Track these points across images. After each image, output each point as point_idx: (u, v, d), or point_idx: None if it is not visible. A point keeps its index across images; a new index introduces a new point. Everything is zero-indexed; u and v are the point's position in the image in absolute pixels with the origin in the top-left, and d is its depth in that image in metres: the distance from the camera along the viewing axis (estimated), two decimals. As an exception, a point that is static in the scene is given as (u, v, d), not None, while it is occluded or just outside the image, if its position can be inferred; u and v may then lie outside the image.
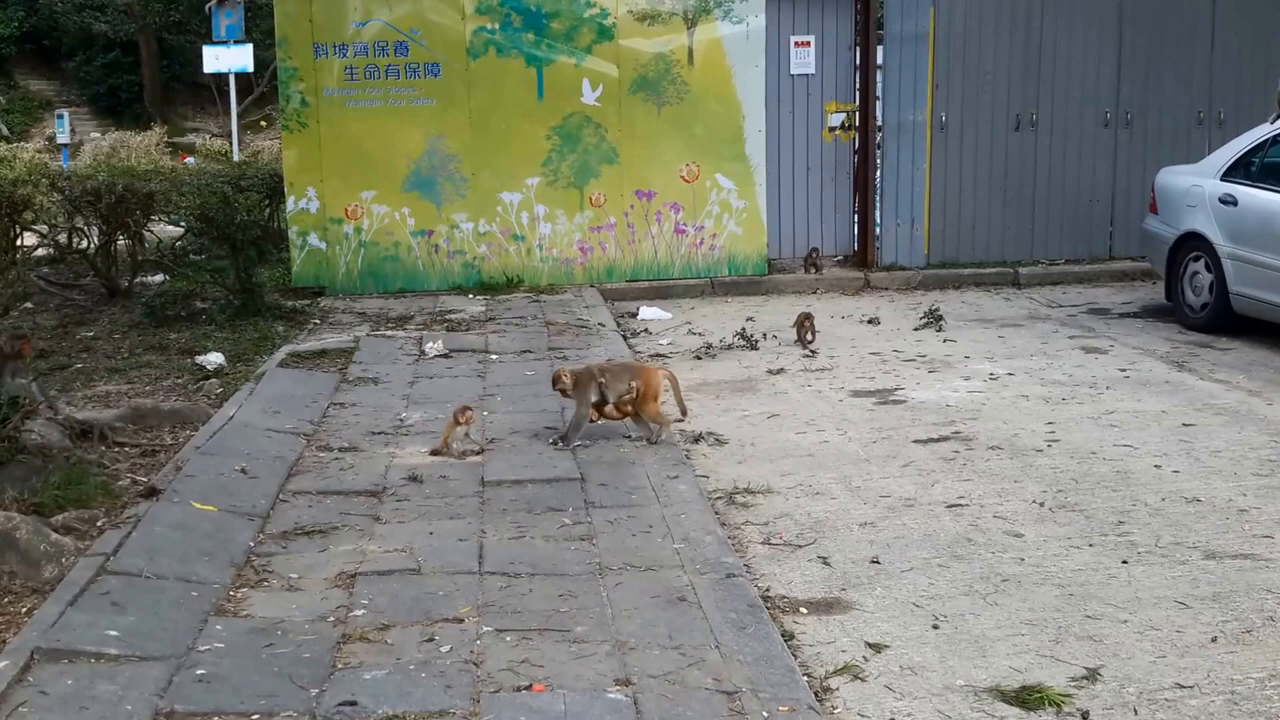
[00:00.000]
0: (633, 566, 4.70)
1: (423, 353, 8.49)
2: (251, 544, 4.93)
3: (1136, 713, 3.76)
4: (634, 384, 6.30)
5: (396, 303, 10.61)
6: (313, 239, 11.10)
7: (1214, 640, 4.22)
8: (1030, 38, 11.85)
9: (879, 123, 11.80)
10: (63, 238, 11.08)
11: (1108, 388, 7.75)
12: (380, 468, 5.96)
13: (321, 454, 6.18)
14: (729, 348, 9.01)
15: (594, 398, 6.31)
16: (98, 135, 27.13)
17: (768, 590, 4.70)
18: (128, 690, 3.63)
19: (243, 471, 5.69)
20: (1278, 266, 8.57)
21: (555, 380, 6.48)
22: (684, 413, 6.87)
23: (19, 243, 10.07)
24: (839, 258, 12.16)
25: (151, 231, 11.50)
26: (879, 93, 11.74)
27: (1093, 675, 3.99)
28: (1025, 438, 6.65)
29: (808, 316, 9.12)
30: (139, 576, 4.42)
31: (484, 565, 4.70)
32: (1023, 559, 4.97)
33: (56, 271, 11.55)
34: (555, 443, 6.29)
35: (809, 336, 9.01)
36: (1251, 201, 9.03)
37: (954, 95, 11.82)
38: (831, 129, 11.96)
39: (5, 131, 27.86)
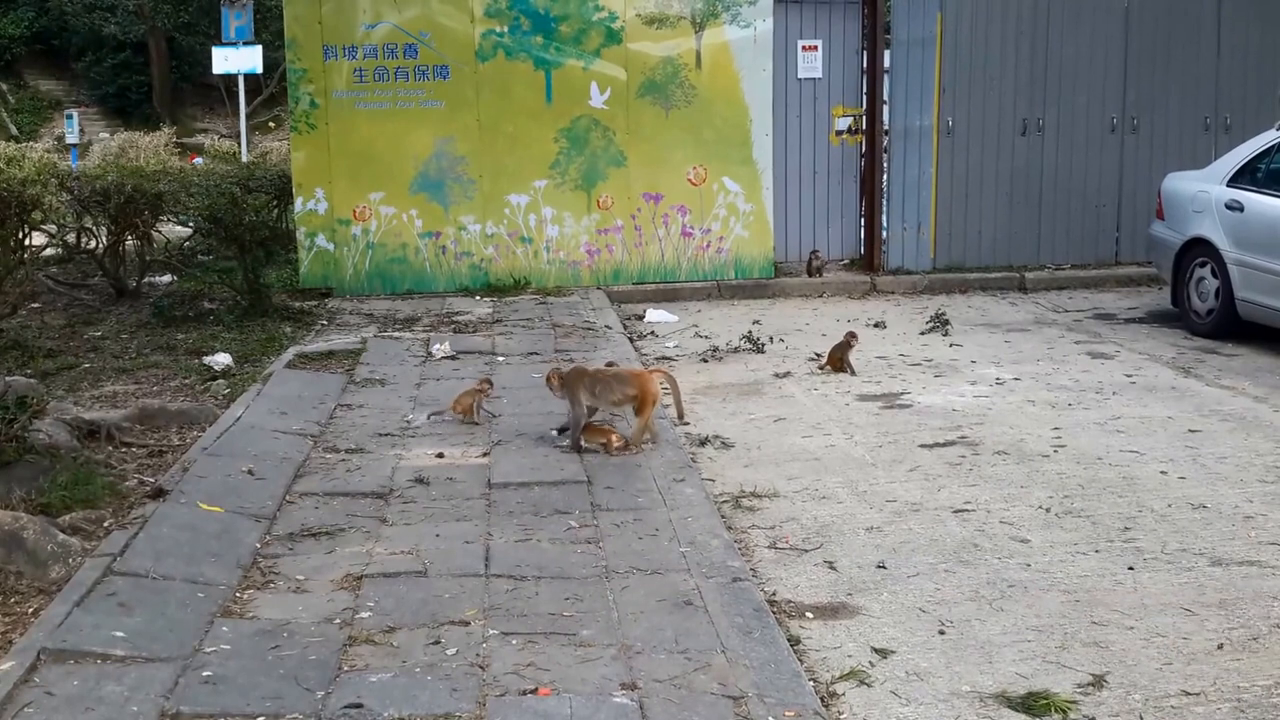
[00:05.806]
0: (639, 570, 4.70)
1: (430, 354, 8.50)
2: (258, 545, 4.94)
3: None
4: (629, 392, 6.28)
5: (404, 304, 10.63)
6: (321, 240, 11.13)
7: (1220, 647, 4.22)
8: (1037, 43, 11.85)
9: (886, 127, 11.81)
10: (71, 238, 11.10)
11: (1114, 393, 7.74)
12: (387, 469, 5.96)
13: (328, 455, 6.18)
14: (735, 351, 9.01)
15: (585, 399, 6.27)
16: (106, 135, 27.20)
17: (774, 594, 4.70)
18: (134, 691, 3.64)
19: (250, 473, 5.70)
20: (1285, 272, 8.57)
21: (547, 382, 6.49)
22: (681, 416, 6.84)
23: (27, 242, 10.08)
24: (845, 261, 12.18)
25: (160, 232, 11.52)
26: (886, 97, 11.75)
27: (1099, 682, 3.98)
28: (1031, 443, 6.64)
29: (845, 346, 8.39)
30: (146, 577, 4.43)
31: (490, 568, 4.70)
32: (1029, 565, 4.97)
33: (65, 271, 11.59)
34: (562, 444, 6.29)
35: (846, 365, 8.34)
36: (1257, 207, 9.01)
37: (961, 100, 11.82)
38: (838, 133, 11.99)
39: (14, 131, 27.95)
